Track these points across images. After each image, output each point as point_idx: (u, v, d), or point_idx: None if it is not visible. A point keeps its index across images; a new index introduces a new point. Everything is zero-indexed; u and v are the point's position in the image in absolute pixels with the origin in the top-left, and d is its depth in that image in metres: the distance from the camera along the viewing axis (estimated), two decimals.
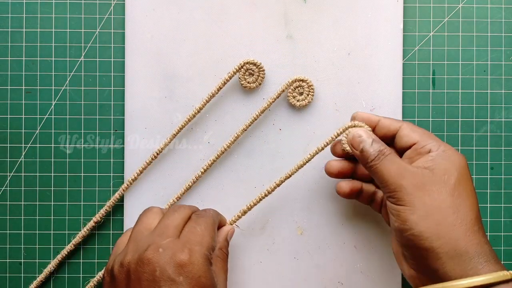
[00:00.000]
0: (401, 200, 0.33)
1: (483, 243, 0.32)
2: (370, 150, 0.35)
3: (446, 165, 0.34)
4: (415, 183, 0.33)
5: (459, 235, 0.31)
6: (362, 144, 0.35)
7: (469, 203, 0.33)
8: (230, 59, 0.44)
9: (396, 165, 0.34)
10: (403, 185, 0.33)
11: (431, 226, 0.32)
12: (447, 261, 0.31)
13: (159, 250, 0.33)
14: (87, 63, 0.45)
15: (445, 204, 0.32)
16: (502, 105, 0.45)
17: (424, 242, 0.32)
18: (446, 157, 0.34)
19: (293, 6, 0.44)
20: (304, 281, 0.44)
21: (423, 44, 0.45)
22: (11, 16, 0.45)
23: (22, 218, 0.45)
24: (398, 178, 0.33)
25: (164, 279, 0.31)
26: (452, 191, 0.33)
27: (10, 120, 0.45)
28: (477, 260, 0.31)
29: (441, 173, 0.33)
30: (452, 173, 0.33)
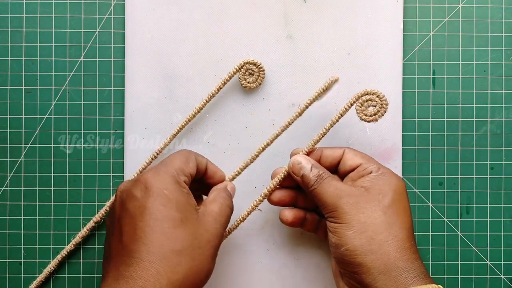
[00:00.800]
0: (338, 218, 0.35)
1: (414, 259, 0.34)
2: (310, 175, 0.37)
3: (382, 185, 0.36)
4: (351, 201, 0.35)
5: (390, 251, 0.33)
6: (302, 171, 0.37)
7: (402, 221, 0.35)
8: (230, 59, 0.44)
9: (333, 186, 0.36)
10: (339, 204, 0.35)
11: (365, 242, 0.34)
12: (378, 276, 0.33)
13: (130, 179, 0.36)
14: (87, 63, 0.45)
15: (378, 221, 0.34)
16: (502, 105, 0.45)
17: (357, 257, 0.33)
18: (384, 178, 0.36)
19: (293, 6, 0.44)
20: (304, 281, 0.44)
21: (423, 44, 0.45)
22: (11, 16, 0.45)
23: (22, 218, 0.45)
24: (335, 199, 0.35)
25: (129, 197, 0.34)
26: (386, 210, 0.35)
27: (10, 120, 0.45)
28: (406, 275, 0.33)
29: (377, 193, 0.36)
30: (387, 193, 0.36)
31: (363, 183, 0.37)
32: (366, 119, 0.39)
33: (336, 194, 0.36)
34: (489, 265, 0.45)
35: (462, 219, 0.45)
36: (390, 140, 0.44)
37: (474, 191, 0.45)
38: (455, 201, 0.45)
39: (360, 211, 0.35)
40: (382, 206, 0.35)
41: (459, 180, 0.45)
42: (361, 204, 0.35)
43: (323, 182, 0.36)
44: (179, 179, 0.34)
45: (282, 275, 0.44)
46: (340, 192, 0.36)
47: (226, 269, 0.44)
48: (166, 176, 0.34)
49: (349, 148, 0.39)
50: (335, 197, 0.35)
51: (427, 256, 0.45)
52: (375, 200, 0.35)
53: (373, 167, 0.37)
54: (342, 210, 0.35)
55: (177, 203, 0.33)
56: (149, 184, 0.33)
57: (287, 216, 0.40)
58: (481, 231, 0.45)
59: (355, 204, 0.35)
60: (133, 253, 0.32)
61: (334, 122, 0.39)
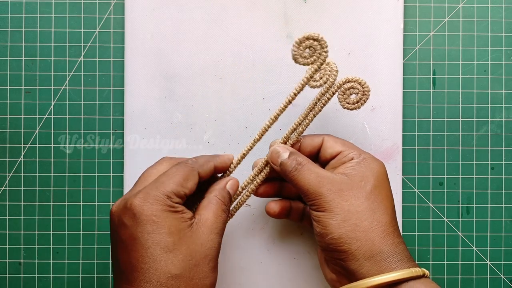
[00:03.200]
0: (321, 206, 0.34)
1: (398, 243, 0.34)
2: (288, 162, 0.36)
3: (364, 171, 0.36)
4: (334, 189, 0.34)
5: (374, 237, 0.34)
6: (280, 159, 0.37)
7: (385, 206, 0.35)
8: (230, 59, 0.44)
9: (314, 173, 0.35)
10: (322, 192, 0.34)
11: (349, 230, 0.33)
12: (364, 262, 0.33)
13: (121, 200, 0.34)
14: (87, 63, 0.45)
15: (361, 208, 0.34)
16: (502, 105, 0.45)
17: (343, 245, 0.34)
18: (365, 164, 0.36)
19: (293, 6, 0.44)
20: (304, 282, 0.44)
21: (424, 44, 0.45)
22: (10, 16, 0.45)
23: (22, 218, 0.45)
24: (317, 186, 0.35)
25: (120, 225, 0.33)
26: (369, 196, 0.35)
27: (9, 120, 0.45)
28: (391, 259, 0.33)
29: (358, 179, 0.35)
30: (369, 179, 0.35)
31: (345, 170, 0.36)
32: (348, 107, 0.38)
33: (318, 181, 0.35)
34: (489, 265, 0.45)
35: (463, 219, 0.45)
36: (390, 140, 0.44)
37: (474, 191, 0.45)
38: (455, 201, 0.45)
39: (344, 198, 0.34)
40: (364, 192, 0.35)
41: (460, 180, 0.45)
42: (344, 191, 0.34)
43: (303, 169, 0.35)
44: (171, 202, 0.33)
45: (282, 275, 0.44)
46: (322, 179, 0.35)
47: (226, 269, 0.44)
48: (155, 201, 0.33)
49: (329, 136, 0.39)
50: (317, 184, 0.35)
51: (427, 256, 0.45)
52: (358, 187, 0.35)
53: (354, 154, 0.37)
54: (325, 198, 0.34)
55: (168, 227, 0.32)
56: (137, 212, 0.32)
57: (274, 208, 0.39)
58: (482, 231, 0.45)
59: (338, 192, 0.34)
60: (132, 282, 0.32)
61: (317, 112, 0.38)
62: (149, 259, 0.31)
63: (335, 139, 0.38)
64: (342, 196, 0.34)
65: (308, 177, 0.35)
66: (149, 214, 0.32)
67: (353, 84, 0.37)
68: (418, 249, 0.45)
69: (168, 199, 0.33)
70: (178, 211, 0.33)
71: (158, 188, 0.33)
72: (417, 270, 0.33)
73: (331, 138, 0.38)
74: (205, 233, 0.34)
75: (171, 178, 0.34)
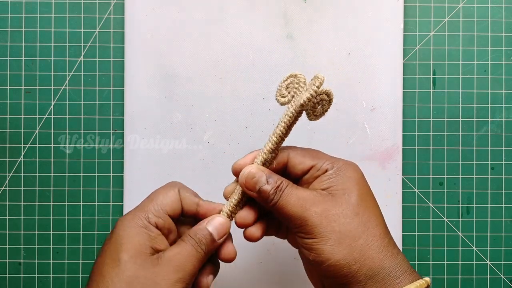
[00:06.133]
0: (310, 233, 0.31)
1: (396, 254, 0.32)
2: (268, 188, 0.32)
3: (344, 183, 0.32)
4: (319, 211, 0.31)
5: (373, 254, 0.31)
6: (258, 185, 0.32)
7: (375, 216, 0.32)
8: (230, 59, 0.44)
9: (295, 196, 0.32)
10: (307, 217, 0.31)
11: (346, 253, 0.30)
12: (367, 282, 0.31)
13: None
14: (87, 63, 0.45)
15: (352, 226, 0.31)
16: (502, 105, 0.45)
17: (342, 270, 0.31)
18: (342, 174, 0.33)
19: (293, 6, 0.44)
20: (304, 282, 0.44)
21: (424, 44, 0.45)
22: (10, 16, 0.45)
23: (22, 219, 0.45)
24: (301, 210, 0.31)
25: (101, 250, 0.31)
26: (357, 210, 0.31)
27: (9, 120, 0.45)
28: (394, 273, 0.31)
29: (341, 193, 0.32)
30: (352, 190, 0.32)
31: (322, 184, 0.32)
32: (315, 119, 0.34)
33: (300, 205, 0.31)
34: (489, 265, 0.45)
35: (463, 219, 0.45)
36: (390, 140, 0.44)
37: (474, 191, 0.45)
38: (455, 201, 0.45)
39: (331, 219, 0.31)
40: (351, 207, 0.31)
41: (460, 180, 0.45)
42: (330, 211, 0.31)
43: (284, 193, 0.32)
44: (146, 222, 0.31)
45: (282, 275, 0.44)
46: (304, 202, 0.31)
47: (226, 269, 0.44)
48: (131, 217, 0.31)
49: (293, 150, 0.34)
50: (300, 208, 0.31)
51: (427, 256, 0.45)
52: (343, 202, 0.31)
53: (327, 165, 0.33)
54: (312, 223, 0.31)
55: (128, 244, 0.30)
56: (115, 226, 0.31)
57: (256, 235, 0.34)
58: (482, 231, 0.45)
59: (324, 213, 0.31)
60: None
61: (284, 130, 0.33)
62: (104, 276, 0.30)
63: (302, 153, 0.34)
64: (329, 217, 0.31)
65: (289, 202, 0.31)
66: (119, 226, 0.31)
67: (322, 96, 0.33)
68: (418, 249, 0.45)
69: (147, 219, 0.31)
70: (151, 235, 0.31)
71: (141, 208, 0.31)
72: (422, 283, 0.31)
73: (297, 152, 0.34)
74: (165, 272, 0.30)
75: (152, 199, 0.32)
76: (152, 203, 0.32)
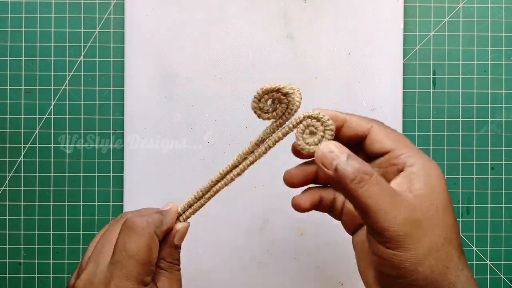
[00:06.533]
0: (393, 241, 0.26)
1: (467, 272, 0.28)
2: (348, 168, 0.26)
3: (432, 187, 0.27)
4: (411, 218, 0.26)
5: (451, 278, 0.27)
6: (336, 161, 0.27)
7: (456, 233, 0.28)
8: (230, 59, 0.44)
9: (387, 193, 0.26)
10: (397, 222, 0.26)
11: (427, 273, 0.26)
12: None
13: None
14: (87, 63, 0.45)
15: (439, 245, 0.26)
16: (502, 105, 0.45)
17: (415, 287, 0.27)
18: (428, 174, 0.28)
19: (293, 5, 0.44)
20: (304, 282, 0.44)
21: (424, 44, 0.45)
22: (10, 16, 0.45)
23: (22, 219, 0.45)
24: (392, 211, 0.26)
25: None
26: (444, 223, 0.27)
27: (9, 120, 0.45)
28: None
29: (429, 201, 0.27)
30: (440, 198, 0.27)
31: (407, 184, 0.27)
32: (308, 149, 0.29)
33: (392, 207, 0.26)
34: (489, 265, 0.45)
35: (463, 219, 0.45)
36: None
37: (474, 191, 0.45)
38: (455, 201, 0.45)
39: (422, 233, 0.26)
40: (441, 221, 0.27)
41: (460, 180, 0.45)
42: (422, 223, 0.26)
43: (371, 183, 0.26)
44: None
45: (282, 276, 0.44)
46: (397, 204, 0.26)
47: (226, 269, 0.44)
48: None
49: (378, 124, 0.29)
50: (390, 209, 0.26)
51: None
52: (434, 215, 0.27)
53: (407, 156, 0.28)
54: (402, 231, 0.26)
55: None
56: None
57: (303, 204, 0.31)
58: (482, 231, 0.45)
59: (415, 224, 0.26)
60: None
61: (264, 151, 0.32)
62: None
63: (386, 131, 0.29)
64: (420, 230, 0.26)
65: (378, 198, 0.26)
66: None
67: (311, 122, 0.29)
68: None
69: (141, 284, 0.28)
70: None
71: (128, 277, 0.28)
72: None
73: (382, 129, 0.29)
74: None
75: (135, 258, 0.28)
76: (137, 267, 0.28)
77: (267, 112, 0.30)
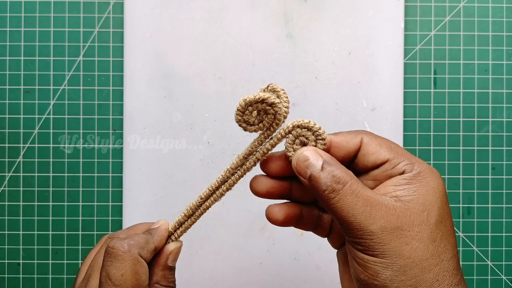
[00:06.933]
0: (371, 249, 0.25)
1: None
2: (322, 177, 0.25)
3: (426, 195, 0.26)
4: (389, 226, 0.25)
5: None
6: (310, 170, 0.26)
7: (451, 245, 0.26)
8: (230, 59, 0.44)
9: (361, 200, 0.25)
10: (373, 230, 0.24)
11: (409, 285, 0.25)
12: None
13: None
14: (86, 62, 0.45)
15: (426, 255, 0.25)
16: (503, 105, 0.45)
17: None
18: (424, 182, 0.26)
19: (293, 5, 0.44)
20: (304, 282, 0.44)
21: (424, 44, 0.45)
22: (9, 16, 0.45)
23: (21, 219, 0.45)
24: (366, 221, 0.25)
25: None
26: (434, 235, 0.25)
27: (8, 120, 0.45)
28: None
29: (420, 209, 0.25)
30: (433, 207, 0.26)
31: (397, 191, 0.26)
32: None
33: (367, 213, 0.25)
34: (490, 265, 0.45)
35: (463, 220, 0.45)
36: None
37: (475, 191, 0.45)
38: (456, 202, 0.45)
39: (403, 241, 0.24)
40: (429, 229, 0.25)
41: (460, 181, 0.45)
42: (403, 230, 0.25)
43: (344, 191, 0.25)
44: None
45: (282, 276, 0.44)
46: (372, 210, 0.25)
47: (226, 269, 0.44)
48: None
49: (368, 135, 0.28)
50: (365, 217, 0.24)
51: None
52: (420, 222, 0.25)
53: (405, 164, 0.27)
54: (378, 239, 0.24)
55: None
56: None
57: (276, 215, 0.29)
58: (482, 231, 0.45)
59: (396, 231, 0.24)
60: None
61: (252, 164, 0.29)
62: None
63: (378, 141, 0.28)
64: (401, 238, 0.25)
65: (352, 205, 0.25)
66: None
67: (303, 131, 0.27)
68: None
69: None
70: None
71: None
72: None
73: (372, 139, 0.28)
74: None
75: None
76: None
77: (253, 124, 0.28)
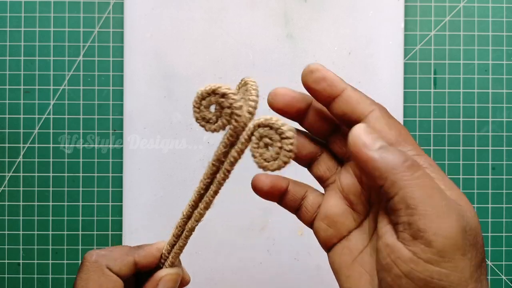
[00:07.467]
0: (438, 254, 0.20)
1: None
2: (394, 153, 0.21)
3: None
4: (460, 229, 0.20)
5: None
6: (372, 148, 0.22)
7: (482, 246, 0.23)
8: (230, 59, 0.44)
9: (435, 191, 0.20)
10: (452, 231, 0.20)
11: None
12: None
13: None
14: (86, 62, 0.45)
15: (478, 263, 0.21)
16: (503, 105, 0.45)
17: None
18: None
19: (293, 5, 0.44)
20: (304, 282, 0.44)
21: (424, 44, 0.45)
22: (9, 16, 0.45)
23: (21, 219, 0.45)
24: (443, 217, 0.20)
25: None
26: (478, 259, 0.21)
27: (8, 120, 0.45)
28: None
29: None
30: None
31: None
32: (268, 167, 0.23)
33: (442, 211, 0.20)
34: (490, 265, 0.45)
35: None
36: None
37: (475, 191, 0.45)
38: None
39: (468, 249, 0.20)
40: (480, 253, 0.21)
41: (460, 181, 0.45)
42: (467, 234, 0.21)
43: (417, 175, 0.20)
44: None
45: (282, 276, 0.44)
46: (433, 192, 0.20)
47: (226, 269, 0.44)
48: None
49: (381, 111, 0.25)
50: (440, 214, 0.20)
51: None
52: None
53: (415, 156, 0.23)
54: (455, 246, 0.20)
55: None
56: None
57: (262, 183, 0.26)
58: (482, 231, 0.45)
59: (464, 235, 0.20)
60: None
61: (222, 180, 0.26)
62: None
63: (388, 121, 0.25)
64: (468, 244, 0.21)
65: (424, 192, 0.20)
66: None
67: (265, 131, 0.23)
68: None
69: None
70: None
71: None
72: None
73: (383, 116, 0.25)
74: None
75: None
76: None
77: (210, 121, 0.24)
